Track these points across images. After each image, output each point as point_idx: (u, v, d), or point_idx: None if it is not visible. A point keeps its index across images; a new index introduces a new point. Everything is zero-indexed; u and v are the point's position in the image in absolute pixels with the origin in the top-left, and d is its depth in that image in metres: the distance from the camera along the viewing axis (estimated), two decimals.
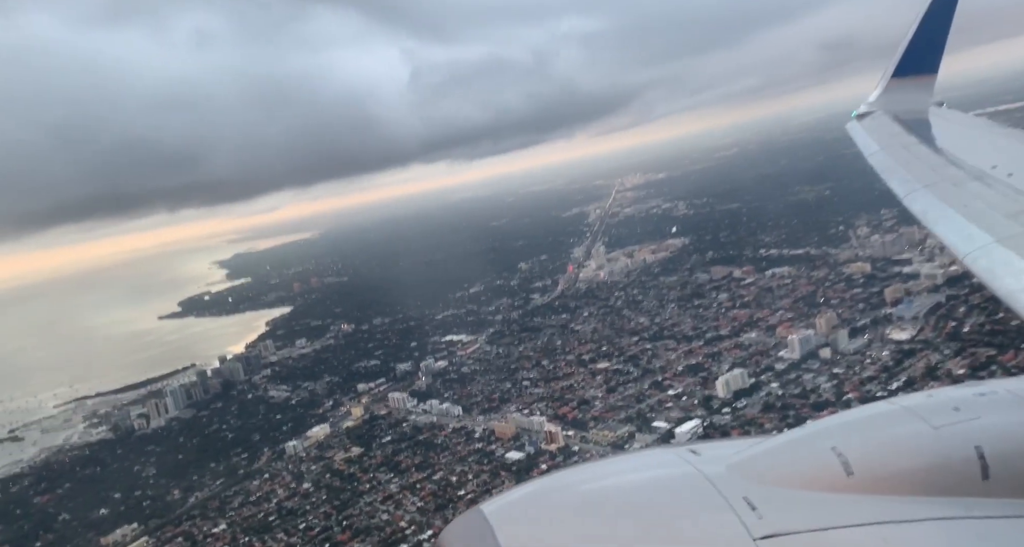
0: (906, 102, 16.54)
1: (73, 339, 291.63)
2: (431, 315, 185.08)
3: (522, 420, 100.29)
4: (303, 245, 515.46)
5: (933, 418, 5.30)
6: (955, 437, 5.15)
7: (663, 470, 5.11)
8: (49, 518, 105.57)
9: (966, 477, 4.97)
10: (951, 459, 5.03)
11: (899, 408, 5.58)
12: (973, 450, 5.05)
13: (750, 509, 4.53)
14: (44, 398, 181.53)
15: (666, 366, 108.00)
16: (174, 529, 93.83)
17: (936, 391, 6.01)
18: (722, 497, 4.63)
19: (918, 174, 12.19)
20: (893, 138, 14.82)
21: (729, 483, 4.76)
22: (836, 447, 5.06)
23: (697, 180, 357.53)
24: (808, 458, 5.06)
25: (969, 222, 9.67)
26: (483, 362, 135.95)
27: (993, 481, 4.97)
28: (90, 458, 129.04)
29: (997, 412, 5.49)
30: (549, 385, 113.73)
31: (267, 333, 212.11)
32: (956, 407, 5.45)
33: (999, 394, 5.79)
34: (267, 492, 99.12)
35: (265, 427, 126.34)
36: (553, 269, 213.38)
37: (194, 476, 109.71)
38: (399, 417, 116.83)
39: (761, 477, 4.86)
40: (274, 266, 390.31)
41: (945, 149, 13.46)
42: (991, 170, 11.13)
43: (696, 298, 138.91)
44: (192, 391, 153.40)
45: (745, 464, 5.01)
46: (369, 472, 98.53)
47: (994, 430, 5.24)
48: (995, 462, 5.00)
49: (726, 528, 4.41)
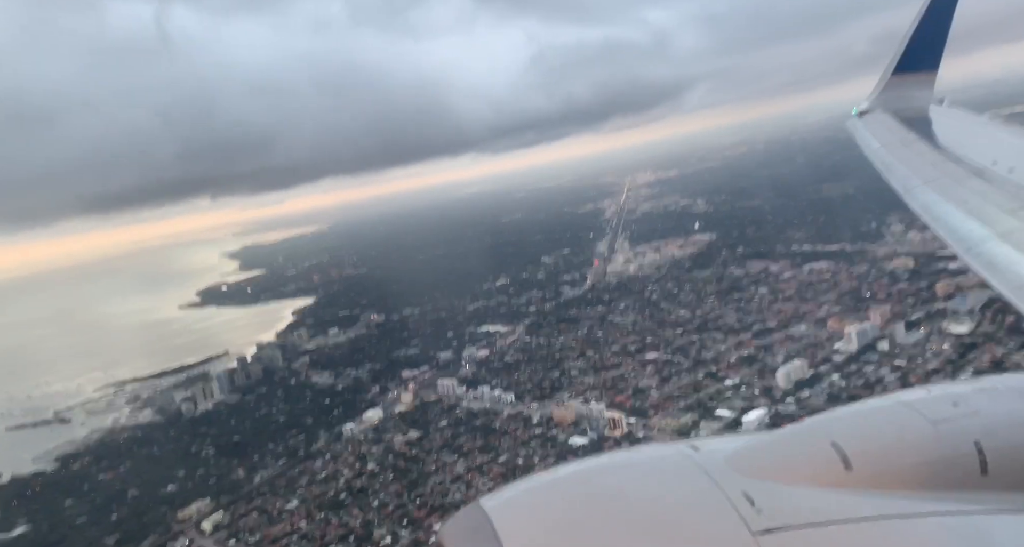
0: (907, 99, 16.57)
1: (95, 327, 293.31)
2: (461, 306, 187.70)
3: (580, 407, 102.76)
4: (312, 238, 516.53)
5: (932, 413, 5.37)
6: (954, 432, 5.22)
7: (663, 465, 5.18)
8: (118, 494, 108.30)
9: (965, 472, 5.05)
10: (950, 454, 5.09)
11: (898, 403, 5.68)
12: (972, 445, 5.12)
13: (749, 504, 4.56)
14: (81, 383, 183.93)
15: (718, 357, 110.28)
16: (246, 505, 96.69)
17: (935, 386, 6.08)
18: (721, 492, 4.67)
19: (918, 170, 12.39)
20: (894, 135, 14.96)
21: (728, 478, 4.80)
22: (835, 442, 5.11)
23: (710, 177, 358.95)
24: (807, 453, 5.14)
25: (969, 217, 9.86)
26: (525, 351, 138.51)
27: (992, 476, 5.04)
28: (144, 439, 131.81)
29: (996, 407, 5.57)
30: (599, 374, 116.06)
31: (296, 322, 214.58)
32: (955, 402, 5.53)
33: (998, 389, 5.92)
34: (333, 472, 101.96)
35: (315, 411, 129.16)
36: (578, 263, 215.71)
37: (254, 456, 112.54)
38: (450, 403, 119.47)
39: (760, 472, 4.92)
40: (287, 258, 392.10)
41: (945, 145, 13.57)
42: (991, 166, 11.27)
43: (735, 292, 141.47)
44: (235, 377, 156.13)
45: (744, 459, 5.07)
46: (432, 454, 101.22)
47: (993, 425, 5.32)
48: (994, 457, 5.08)
49: (725, 523, 4.46)
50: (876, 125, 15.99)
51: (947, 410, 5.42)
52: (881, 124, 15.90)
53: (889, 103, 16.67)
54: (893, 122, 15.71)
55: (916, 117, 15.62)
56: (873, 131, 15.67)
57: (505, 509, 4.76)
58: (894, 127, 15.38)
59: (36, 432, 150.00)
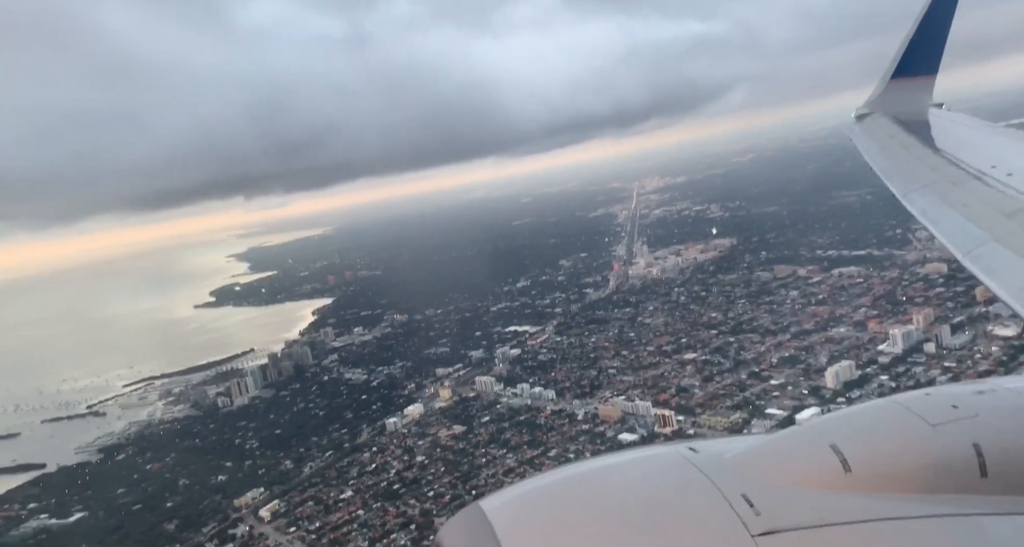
0: (905, 103, 16.44)
1: (111, 325, 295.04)
2: (485, 307, 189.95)
3: (625, 404, 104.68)
4: (319, 241, 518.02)
5: (931, 416, 5.38)
6: (953, 435, 5.22)
7: (662, 467, 5.21)
8: (169, 483, 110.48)
9: (964, 474, 5.04)
10: (949, 457, 5.09)
11: (897, 406, 5.67)
12: (971, 448, 5.12)
13: (748, 506, 4.58)
14: (108, 378, 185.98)
15: (758, 358, 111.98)
16: (300, 495, 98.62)
17: (934, 389, 6.12)
18: (721, 494, 4.69)
19: (917, 174, 12.41)
20: (892, 139, 14.94)
21: (728, 480, 4.82)
22: (835, 444, 5.13)
23: (721, 184, 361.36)
24: (807, 455, 5.16)
25: (968, 221, 9.85)
26: (558, 351, 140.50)
27: (991, 479, 5.03)
28: (183, 432, 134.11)
29: (995, 410, 5.58)
30: (637, 373, 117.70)
31: (317, 322, 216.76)
32: (954, 405, 5.54)
33: (997, 392, 5.92)
34: (382, 463, 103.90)
35: (353, 406, 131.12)
36: (597, 266, 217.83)
37: (300, 448, 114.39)
38: (489, 400, 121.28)
39: (760, 474, 4.95)
40: (297, 260, 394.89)
41: (944, 149, 13.47)
42: (990, 170, 11.27)
43: (765, 295, 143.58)
44: (267, 373, 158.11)
45: (744, 461, 5.11)
46: (480, 448, 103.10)
47: (992, 428, 5.33)
48: (993, 460, 5.07)
49: (725, 525, 4.48)
50: (875, 129, 16.04)
51: (946, 412, 5.45)
52: (880, 128, 15.93)
53: (888, 107, 16.64)
54: (892, 126, 15.69)
55: (915, 121, 15.54)
56: (872, 135, 15.78)
57: (504, 510, 4.84)
58: (893, 131, 15.37)
59: (72, 425, 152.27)
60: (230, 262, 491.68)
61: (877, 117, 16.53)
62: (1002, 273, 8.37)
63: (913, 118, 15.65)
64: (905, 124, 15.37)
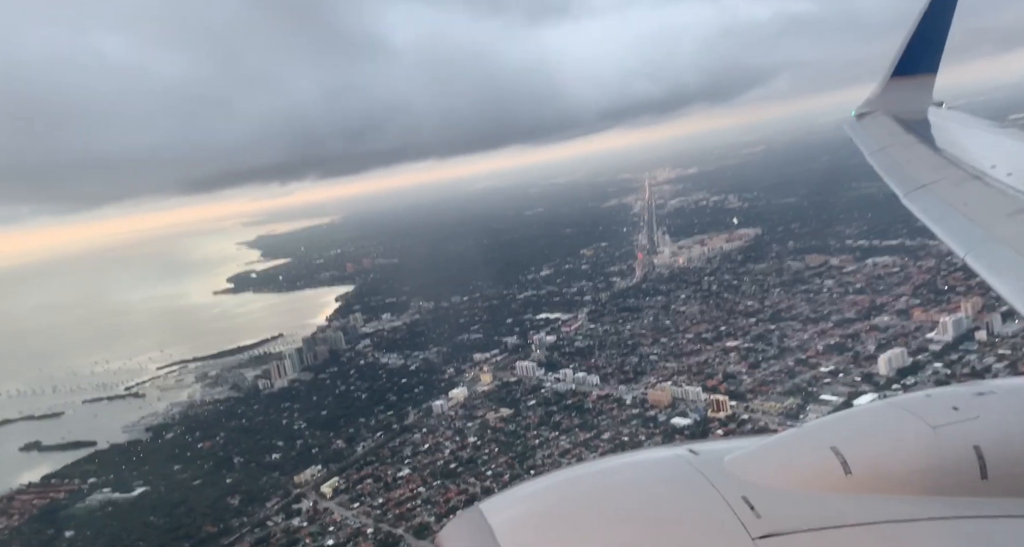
0: (905, 101, 16.29)
1: (133, 310, 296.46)
2: (511, 295, 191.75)
3: (674, 390, 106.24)
4: (328, 229, 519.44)
5: (932, 417, 5.40)
6: (954, 437, 5.23)
7: (662, 469, 5.23)
8: (223, 460, 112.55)
9: (965, 477, 5.05)
10: (950, 459, 5.11)
11: (897, 407, 5.70)
12: (972, 450, 5.13)
13: (749, 508, 4.60)
14: (140, 361, 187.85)
15: (803, 345, 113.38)
16: (357, 472, 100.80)
17: (935, 390, 6.16)
18: (720, 496, 4.71)
19: (917, 173, 12.40)
20: (892, 137, 14.85)
21: (728, 482, 4.85)
22: (835, 446, 5.15)
23: (734, 175, 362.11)
24: (807, 457, 5.18)
25: (970, 220, 9.85)
26: (594, 337, 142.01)
27: (992, 481, 5.04)
28: (228, 412, 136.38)
29: (996, 412, 5.58)
30: (680, 360, 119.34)
31: (343, 308, 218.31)
32: (955, 406, 5.54)
33: (998, 394, 5.92)
34: (434, 444, 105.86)
35: (395, 389, 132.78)
36: (620, 255, 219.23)
37: (349, 429, 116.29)
38: (532, 384, 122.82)
39: (760, 476, 4.96)
40: (309, 248, 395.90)
41: (944, 149, 13.49)
42: (990, 169, 11.26)
43: (799, 284, 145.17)
44: (304, 356, 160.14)
45: (744, 463, 5.12)
46: (531, 430, 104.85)
47: (993, 430, 5.34)
48: (994, 462, 5.09)
49: (725, 527, 4.49)
50: (874, 127, 15.92)
51: (947, 414, 5.45)
52: (879, 126, 15.81)
53: (888, 105, 16.48)
54: (891, 124, 15.56)
55: (914, 120, 15.45)
56: (871, 133, 15.68)
57: (503, 513, 4.84)
58: (892, 129, 15.25)
59: (112, 405, 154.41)
60: (240, 250, 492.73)
61: (877, 116, 16.47)
62: (1004, 271, 8.36)
63: (913, 117, 15.62)
64: (905, 123, 15.32)
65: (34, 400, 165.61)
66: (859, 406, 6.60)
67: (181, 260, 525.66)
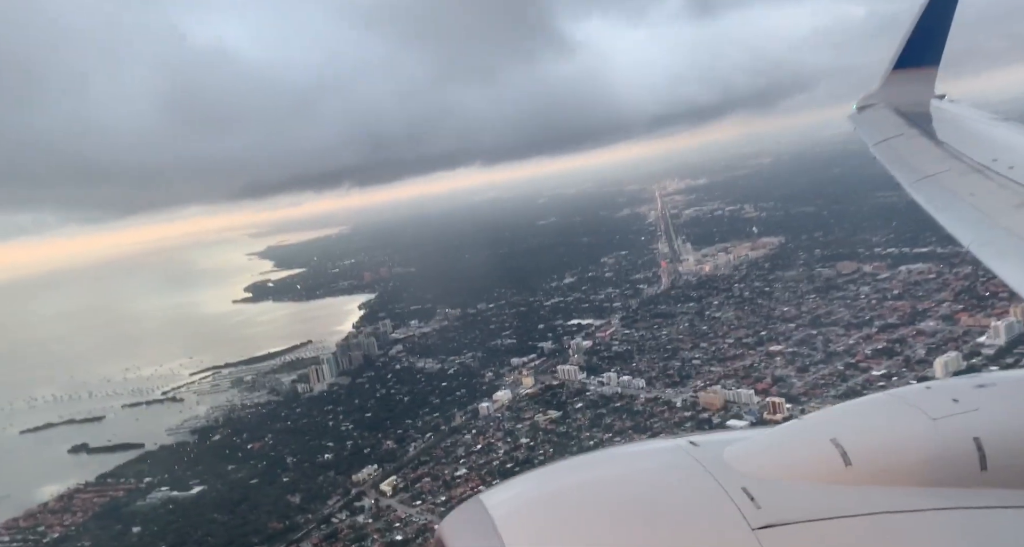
0: (907, 94, 16.18)
1: (154, 318, 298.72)
2: (538, 301, 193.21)
3: (725, 392, 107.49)
4: (338, 240, 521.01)
5: (932, 409, 5.43)
6: (953, 428, 5.28)
7: (662, 460, 5.28)
8: (276, 460, 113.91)
9: (964, 468, 5.11)
10: (949, 450, 5.16)
11: (897, 399, 5.74)
12: (971, 441, 5.18)
13: (748, 499, 4.65)
14: (171, 367, 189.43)
15: (849, 350, 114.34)
16: (413, 472, 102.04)
17: (934, 382, 6.18)
18: (720, 487, 4.76)
19: (919, 166, 12.44)
20: (894, 130, 14.83)
21: (727, 473, 4.90)
22: (835, 438, 5.20)
23: (745, 185, 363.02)
24: (807, 448, 5.23)
25: (976, 210, 9.97)
26: (630, 342, 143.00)
27: (991, 472, 5.10)
28: (271, 415, 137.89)
29: (996, 404, 5.61)
30: (724, 364, 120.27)
31: (367, 315, 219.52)
32: (955, 398, 5.58)
33: (998, 386, 5.95)
34: (487, 444, 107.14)
35: (436, 392, 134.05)
36: (642, 263, 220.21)
37: (397, 430, 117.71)
38: (575, 388, 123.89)
39: (760, 467, 5.01)
40: (322, 258, 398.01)
41: (946, 142, 13.39)
42: (992, 163, 11.28)
43: (834, 290, 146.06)
44: (339, 361, 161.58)
45: (744, 454, 5.18)
46: (583, 431, 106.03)
47: (992, 422, 5.38)
48: (993, 453, 5.14)
49: (725, 518, 4.55)
50: (876, 120, 15.88)
51: (947, 406, 5.48)
52: (881, 119, 15.74)
53: (889, 98, 16.34)
54: (893, 117, 15.48)
55: (916, 112, 15.40)
56: (872, 126, 15.63)
57: (505, 504, 4.90)
58: (894, 122, 15.18)
59: (151, 409, 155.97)
60: (252, 260, 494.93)
61: (879, 108, 16.31)
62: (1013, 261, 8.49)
63: (915, 110, 15.55)
64: (907, 116, 15.25)
65: (71, 405, 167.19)
66: (859, 398, 6.55)
67: (191, 270, 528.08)
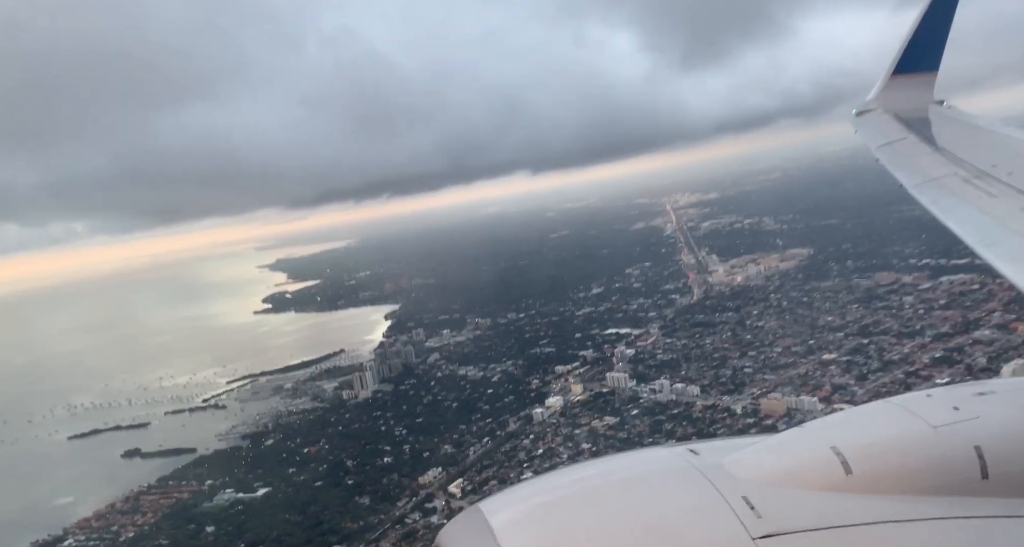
0: (906, 100, 16.18)
1: (174, 329, 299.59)
2: (569, 311, 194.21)
3: (787, 400, 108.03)
4: (347, 253, 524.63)
5: (932, 417, 5.45)
6: (954, 436, 5.29)
7: (662, 469, 5.29)
8: (336, 464, 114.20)
9: (965, 476, 5.10)
10: (950, 458, 5.16)
11: (898, 407, 5.76)
12: (972, 450, 5.18)
13: (749, 508, 4.64)
14: (205, 376, 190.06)
15: (906, 359, 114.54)
16: (478, 475, 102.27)
17: (935, 390, 6.19)
18: (721, 496, 4.75)
19: (920, 171, 12.43)
20: (892, 136, 14.84)
21: (728, 482, 4.90)
22: (835, 446, 5.21)
23: (758, 200, 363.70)
24: (807, 457, 5.23)
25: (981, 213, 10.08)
26: (674, 351, 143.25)
27: (992, 481, 5.10)
28: (320, 420, 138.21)
29: (996, 412, 5.65)
30: (777, 372, 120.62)
31: (395, 325, 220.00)
32: (955, 406, 5.60)
33: (999, 394, 5.99)
34: (548, 449, 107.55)
35: (483, 399, 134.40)
36: (668, 275, 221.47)
37: (452, 435, 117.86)
38: (628, 395, 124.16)
39: (760, 476, 5.02)
40: (335, 270, 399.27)
41: (945, 148, 13.42)
42: (991, 169, 11.31)
43: (876, 300, 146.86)
44: (380, 369, 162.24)
45: (744, 463, 5.18)
46: (644, 437, 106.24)
47: (993, 430, 5.40)
48: (994, 462, 5.14)
49: (725, 527, 4.53)
50: (875, 125, 15.88)
51: (948, 414, 5.48)
52: (880, 124, 15.76)
53: (889, 103, 16.38)
54: (892, 122, 15.53)
55: (915, 118, 15.46)
56: (871, 131, 15.64)
57: (504, 513, 4.89)
58: (893, 128, 15.21)
59: (194, 416, 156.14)
60: (263, 272, 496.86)
61: (878, 114, 16.34)
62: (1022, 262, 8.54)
63: (914, 115, 15.58)
64: (906, 121, 15.29)
65: (112, 412, 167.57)
66: (859, 406, 6.58)
67: (204, 283, 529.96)
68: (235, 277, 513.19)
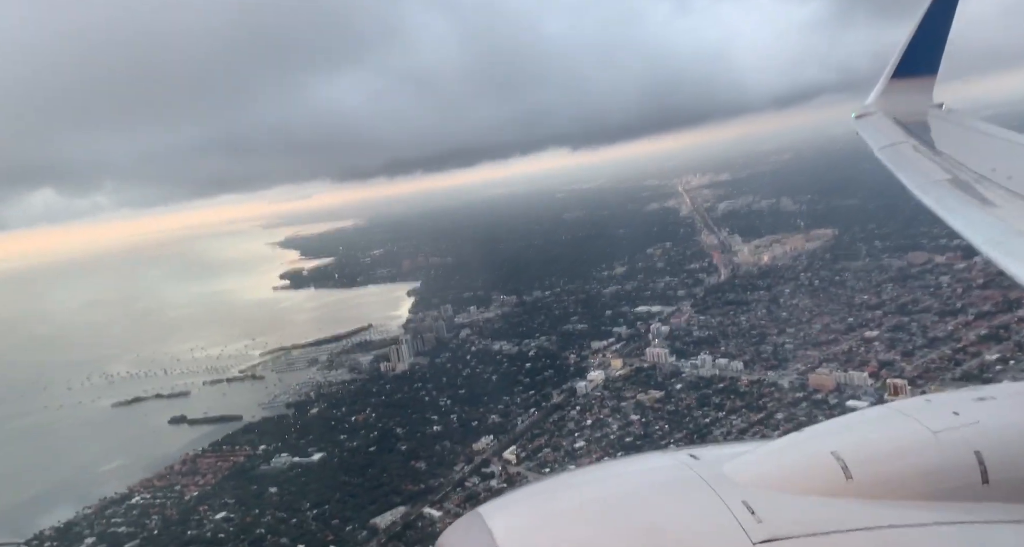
0: (905, 103, 16.06)
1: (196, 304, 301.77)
2: (597, 289, 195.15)
3: (836, 375, 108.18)
4: (356, 231, 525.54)
5: (932, 422, 5.47)
6: (955, 441, 5.30)
7: (662, 474, 5.31)
8: (386, 431, 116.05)
9: (966, 482, 5.12)
10: (951, 463, 5.17)
11: (898, 412, 5.80)
12: (973, 455, 5.19)
13: (749, 513, 4.64)
14: (237, 348, 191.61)
15: (951, 335, 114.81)
16: (530, 443, 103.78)
17: (935, 395, 6.32)
18: (721, 501, 4.76)
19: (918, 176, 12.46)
20: (891, 139, 14.81)
21: (728, 487, 4.90)
22: (835, 451, 5.21)
23: (772, 180, 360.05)
24: (807, 462, 5.25)
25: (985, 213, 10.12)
26: (710, 328, 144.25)
27: (993, 486, 5.12)
28: (361, 391, 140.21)
29: (996, 417, 5.66)
30: (820, 349, 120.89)
31: (420, 301, 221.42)
32: (955, 411, 5.62)
33: (999, 399, 6.03)
34: (596, 420, 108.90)
35: (522, 372, 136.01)
36: (690, 254, 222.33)
37: (497, 406, 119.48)
38: (669, 370, 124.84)
39: (760, 481, 5.03)
40: (347, 248, 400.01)
41: (944, 152, 13.43)
42: (991, 173, 11.32)
43: (911, 279, 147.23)
44: (414, 343, 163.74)
45: (744, 468, 5.19)
46: (693, 410, 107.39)
47: (993, 435, 5.41)
48: (994, 467, 5.16)
49: (725, 532, 4.54)
50: (874, 128, 15.78)
51: (948, 419, 5.50)
52: (880, 128, 15.65)
53: (888, 107, 16.21)
54: (891, 126, 15.43)
55: (914, 121, 15.42)
56: (871, 135, 15.50)
57: (504, 518, 4.91)
58: (892, 131, 15.14)
59: (233, 386, 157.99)
60: (274, 250, 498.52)
61: (877, 117, 16.21)
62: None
63: (913, 119, 15.54)
64: (905, 125, 15.24)
65: (149, 381, 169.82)
66: (860, 411, 6.64)
67: (216, 259, 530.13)
68: (246, 254, 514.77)
